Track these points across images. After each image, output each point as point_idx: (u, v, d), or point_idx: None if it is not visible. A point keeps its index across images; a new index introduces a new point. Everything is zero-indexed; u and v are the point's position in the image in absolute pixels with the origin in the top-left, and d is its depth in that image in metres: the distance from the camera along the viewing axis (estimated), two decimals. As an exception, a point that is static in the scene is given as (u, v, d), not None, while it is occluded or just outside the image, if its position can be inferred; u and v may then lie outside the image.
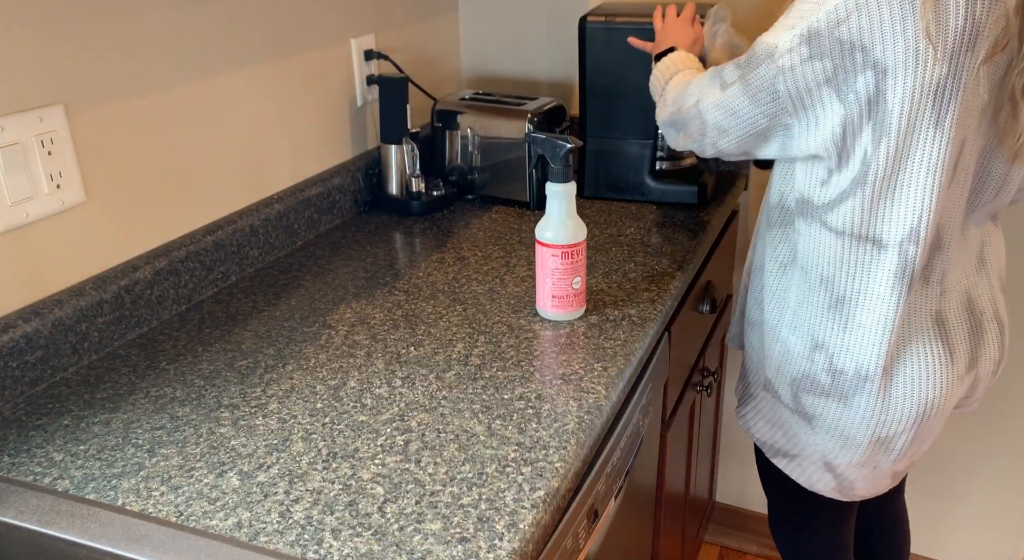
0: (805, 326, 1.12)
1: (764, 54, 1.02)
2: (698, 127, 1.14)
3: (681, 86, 1.19)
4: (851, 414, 1.11)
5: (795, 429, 1.19)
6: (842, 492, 1.21)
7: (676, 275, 1.26)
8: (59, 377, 1.02)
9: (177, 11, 1.14)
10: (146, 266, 1.12)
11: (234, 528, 0.77)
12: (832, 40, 0.95)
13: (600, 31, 1.49)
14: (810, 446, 1.18)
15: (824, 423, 1.14)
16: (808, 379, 1.13)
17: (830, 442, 1.15)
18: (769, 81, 1.02)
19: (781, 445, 1.24)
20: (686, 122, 1.16)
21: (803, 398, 1.15)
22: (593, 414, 0.93)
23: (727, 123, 1.09)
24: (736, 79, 1.06)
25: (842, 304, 1.08)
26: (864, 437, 1.12)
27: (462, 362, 1.03)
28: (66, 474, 0.85)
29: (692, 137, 1.17)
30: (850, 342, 1.08)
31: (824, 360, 1.11)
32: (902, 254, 1.02)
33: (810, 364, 1.13)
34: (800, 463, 1.22)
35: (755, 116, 1.06)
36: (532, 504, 0.79)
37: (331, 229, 1.47)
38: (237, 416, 0.94)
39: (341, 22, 1.47)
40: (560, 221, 1.09)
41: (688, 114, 1.15)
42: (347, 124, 1.52)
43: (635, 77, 1.44)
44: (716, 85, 1.10)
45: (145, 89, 1.11)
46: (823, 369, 1.11)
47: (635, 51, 1.44)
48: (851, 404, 1.11)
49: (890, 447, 1.13)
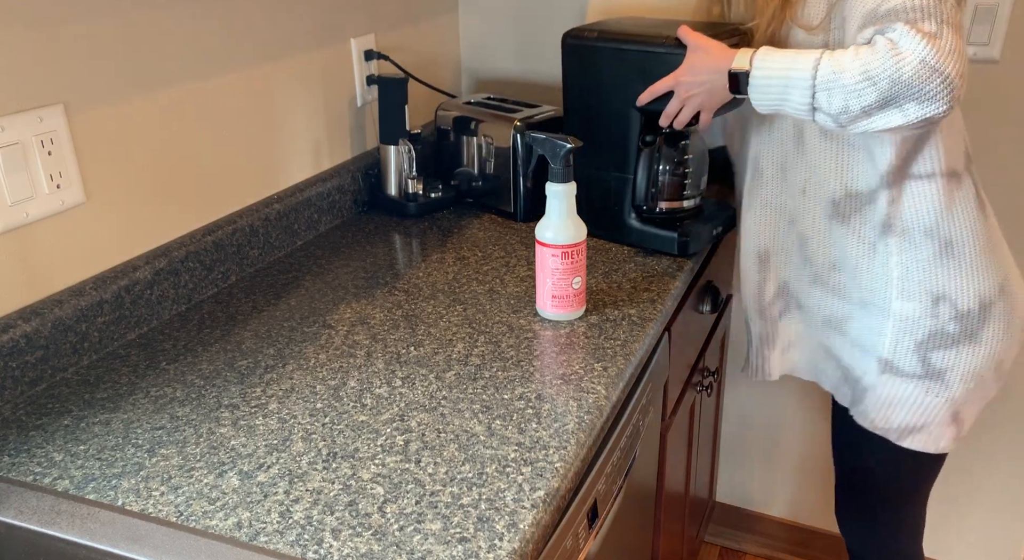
0: (919, 287, 1.14)
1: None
2: (943, 85, 0.96)
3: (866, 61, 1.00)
4: (981, 350, 1.14)
5: (924, 398, 1.19)
6: (958, 438, 1.23)
7: (676, 275, 1.26)
8: (59, 377, 1.02)
9: (177, 11, 1.14)
10: (146, 266, 1.12)
11: (234, 528, 0.77)
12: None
13: (579, 50, 1.32)
14: (939, 405, 1.19)
15: (957, 373, 1.16)
16: (936, 336, 1.15)
17: (962, 389, 1.17)
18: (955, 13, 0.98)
19: (909, 422, 1.22)
20: (920, 88, 0.97)
21: (933, 357, 1.16)
22: (593, 414, 0.93)
23: (963, 65, 0.97)
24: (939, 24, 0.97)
25: (951, 246, 1.11)
26: (990, 367, 1.16)
27: (462, 362, 1.03)
28: (66, 474, 0.85)
29: (934, 97, 0.98)
30: (968, 280, 1.12)
31: (948, 309, 1.13)
32: (972, 176, 1.09)
33: (934, 320, 1.14)
34: (930, 431, 1.22)
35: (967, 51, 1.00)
36: (532, 504, 0.79)
37: (331, 229, 1.47)
38: (237, 416, 0.94)
39: (341, 22, 1.47)
40: (560, 221, 1.09)
41: (918, 78, 0.97)
42: (347, 124, 1.52)
43: (612, 103, 1.29)
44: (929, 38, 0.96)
45: (145, 89, 1.11)
46: (949, 319, 1.13)
47: (613, 76, 1.28)
48: (980, 339, 1.14)
49: (1002, 369, 1.18)
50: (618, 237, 1.37)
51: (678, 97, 1.20)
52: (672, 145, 1.31)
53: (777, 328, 1.37)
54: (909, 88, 0.98)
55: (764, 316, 1.37)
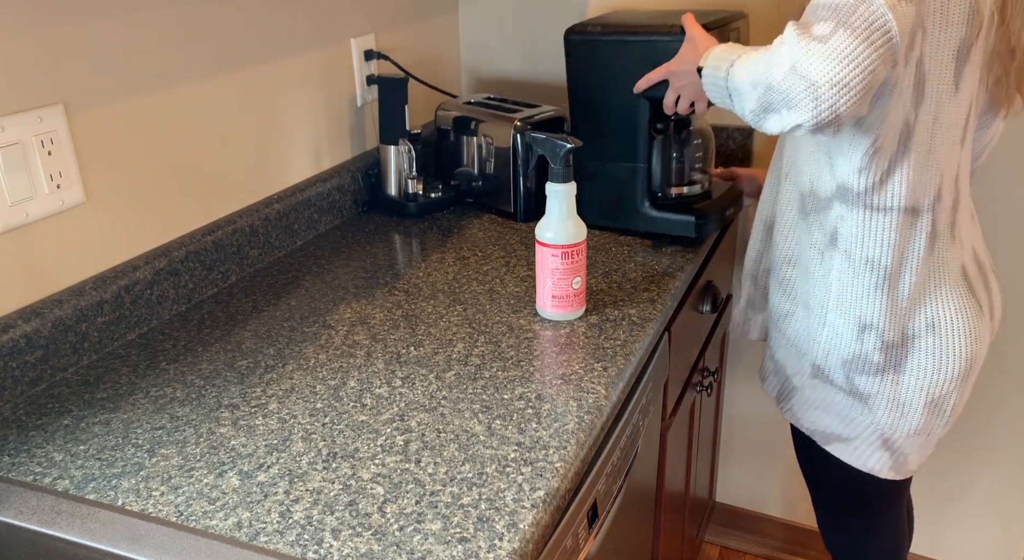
0: (851, 309, 1.13)
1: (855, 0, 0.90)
2: (807, 92, 0.92)
3: (753, 65, 1.01)
4: (905, 380, 1.13)
5: (850, 412, 1.19)
6: (897, 469, 1.22)
7: (676, 275, 1.26)
8: (59, 377, 1.02)
9: (177, 11, 1.14)
10: (146, 266, 1.12)
11: (234, 528, 0.77)
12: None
13: (584, 45, 1.34)
14: (867, 425, 1.18)
15: (881, 400, 1.15)
16: (860, 360, 1.14)
17: (887, 416, 1.16)
18: (879, 19, 0.89)
19: (834, 430, 1.23)
20: (787, 94, 0.94)
21: (857, 380, 1.16)
22: (593, 414, 0.93)
23: (845, 73, 0.90)
24: (834, 27, 0.90)
25: (890, 279, 1.09)
26: (920, 401, 1.14)
27: (462, 362, 1.03)
28: (66, 474, 0.85)
29: (802, 107, 0.94)
30: (898, 315, 1.10)
31: (874, 339, 1.12)
32: (933, 216, 1.06)
33: (860, 345, 1.13)
34: (856, 446, 1.21)
35: (874, 60, 0.90)
36: (532, 504, 0.79)
37: (331, 229, 1.47)
38: (237, 416, 0.94)
39: (341, 22, 1.47)
40: (560, 221, 1.09)
41: (785, 84, 0.94)
42: (347, 124, 1.52)
43: (621, 95, 1.32)
44: (809, 40, 0.91)
45: (145, 89, 1.11)
46: (874, 348, 1.13)
47: (620, 69, 1.30)
48: (904, 369, 1.13)
49: (943, 408, 1.15)
50: (632, 226, 1.39)
51: (672, 87, 1.24)
52: (679, 131, 1.35)
53: (765, 295, 1.37)
54: (779, 94, 0.95)
55: (756, 283, 1.38)
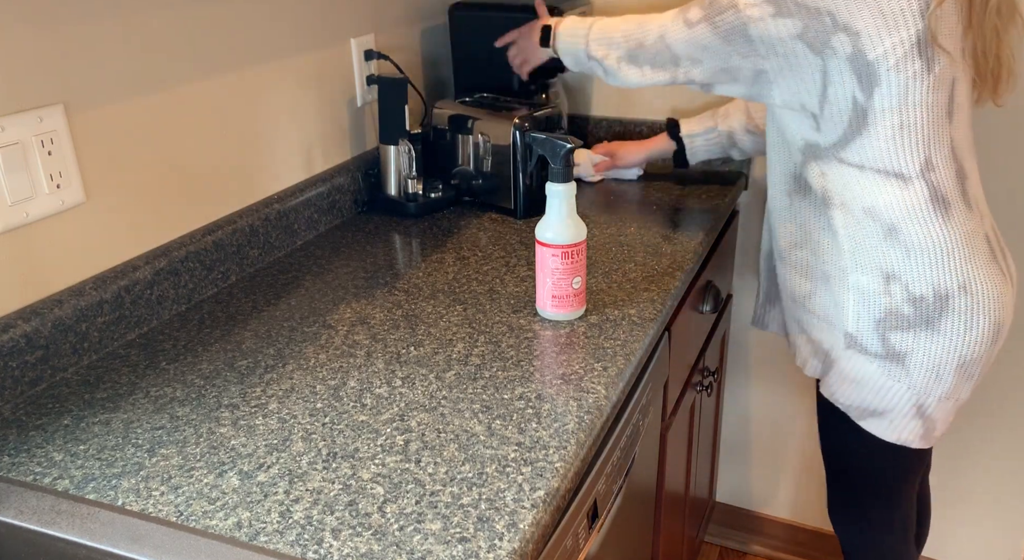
0: (870, 261, 1.17)
1: (727, 3, 1.10)
2: (669, 58, 1.21)
3: (624, 23, 1.26)
4: (940, 340, 1.16)
5: (885, 380, 1.21)
6: (926, 437, 1.24)
7: (676, 275, 1.26)
8: (59, 377, 1.02)
9: (177, 11, 1.14)
10: (146, 266, 1.12)
11: (234, 528, 0.77)
12: (795, 3, 1.04)
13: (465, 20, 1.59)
14: (902, 394, 1.21)
15: (916, 359, 1.18)
16: (892, 315, 1.17)
17: (923, 378, 1.18)
18: (739, 27, 1.10)
19: (870, 403, 1.24)
20: (652, 55, 1.23)
21: (891, 338, 1.18)
22: (593, 414, 0.93)
23: (699, 55, 1.17)
24: (702, 19, 1.14)
25: (895, 231, 1.14)
26: (952, 363, 1.17)
27: (462, 362, 1.03)
28: (66, 474, 0.85)
29: (662, 67, 1.23)
30: (918, 267, 1.14)
31: (900, 290, 1.15)
32: (928, 183, 1.11)
33: (889, 298, 1.16)
34: (891, 419, 1.23)
35: (728, 53, 1.14)
36: (532, 504, 0.79)
37: (331, 229, 1.47)
38: (237, 416, 0.94)
39: (341, 22, 1.47)
40: (560, 221, 1.09)
41: (653, 48, 1.22)
42: (347, 124, 1.52)
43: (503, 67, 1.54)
44: (680, 22, 1.17)
45: (145, 89, 1.11)
46: (903, 300, 1.16)
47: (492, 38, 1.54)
48: (938, 329, 1.15)
49: (971, 372, 1.19)
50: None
51: (516, 45, 1.50)
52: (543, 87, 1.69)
53: (778, 287, 1.42)
54: (647, 52, 1.23)
55: (770, 276, 1.44)
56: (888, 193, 1.12)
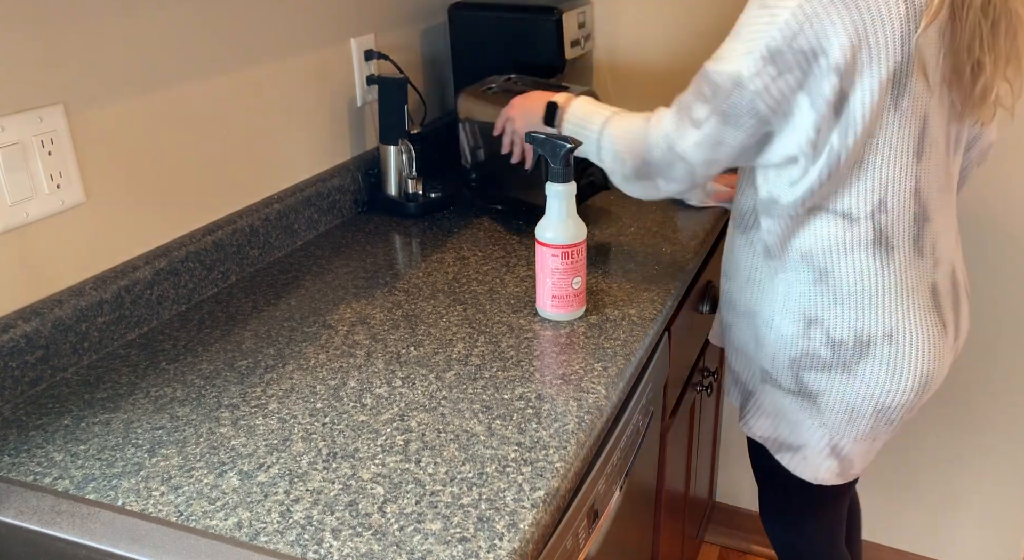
0: (796, 307, 1.13)
1: (731, 84, 1.02)
2: (684, 169, 1.11)
3: (630, 134, 1.15)
4: (856, 384, 1.12)
5: (798, 415, 1.19)
6: (843, 474, 1.22)
7: (676, 275, 1.26)
8: (59, 377, 1.02)
9: (177, 11, 1.14)
10: (146, 266, 1.12)
11: (234, 528, 0.77)
12: (794, 53, 0.98)
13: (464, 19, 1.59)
14: (815, 431, 1.18)
15: (829, 399, 1.15)
16: (808, 356, 1.14)
17: (836, 419, 1.15)
18: (748, 106, 1.02)
19: (784, 438, 1.23)
20: (664, 169, 1.12)
21: (805, 377, 1.15)
22: (593, 414, 0.93)
23: (715, 154, 1.08)
24: (709, 113, 1.05)
25: (827, 275, 1.09)
26: (868, 407, 1.13)
27: (462, 362, 1.03)
28: (66, 474, 0.85)
29: (678, 180, 1.13)
30: (843, 311, 1.10)
31: (821, 334, 1.12)
32: (875, 225, 1.06)
33: (807, 341, 1.13)
34: (805, 455, 1.21)
35: (742, 139, 1.06)
36: (532, 504, 0.79)
37: (331, 229, 1.47)
38: (237, 416, 0.94)
39: (341, 22, 1.47)
40: (560, 221, 1.09)
41: (664, 161, 1.11)
42: (347, 124, 1.52)
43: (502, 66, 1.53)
44: (687, 125, 1.08)
45: (145, 89, 1.11)
46: (821, 343, 1.12)
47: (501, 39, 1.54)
48: (855, 373, 1.12)
49: (891, 417, 1.15)
50: None
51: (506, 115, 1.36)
52: None
53: None
54: (657, 167, 1.12)
55: None
56: (830, 234, 1.08)
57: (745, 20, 1.02)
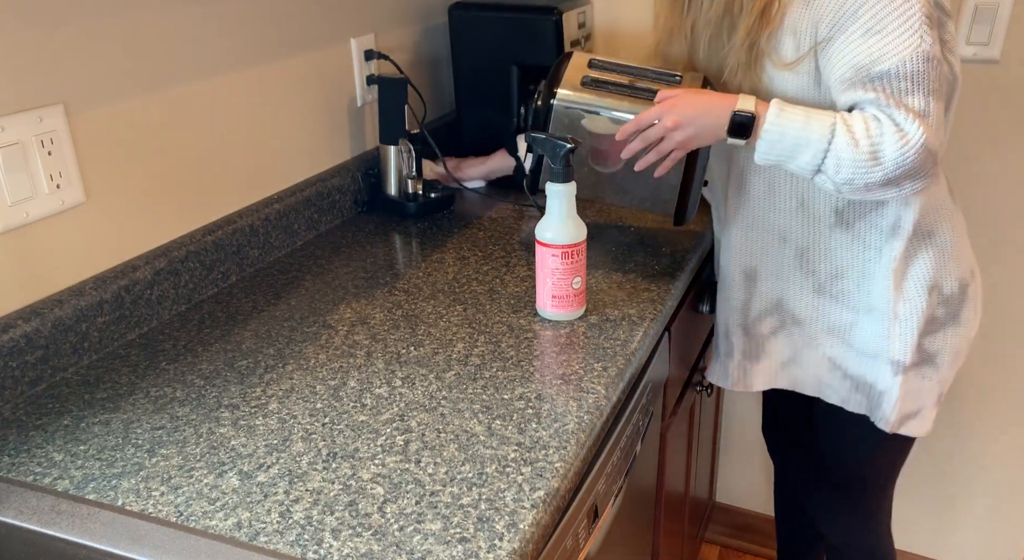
0: (915, 283, 1.18)
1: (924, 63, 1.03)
2: (932, 162, 1.05)
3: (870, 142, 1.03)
4: (961, 330, 1.21)
5: (920, 382, 1.23)
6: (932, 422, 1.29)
7: (676, 275, 1.26)
8: (59, 377, 1.02)
9: (177, 11, 1.14)
10: (146, 266, 1.12)
11: (234, 528, 0.77)
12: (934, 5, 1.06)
13: (464, 19, 1.59)
14: (931, 390, 1.23)
15: (945, 355, 1.22)
16: (929, 323, 1.19)
17: (948, 369, 1.23)
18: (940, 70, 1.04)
19: (907, 409, 1.24)
20: (918, 170, 1.04)
21: (926, 342, 1.20)
22: (593, 414, 0.93)
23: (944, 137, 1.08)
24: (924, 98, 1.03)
25: (932, 236, 1.17)
26: (966, 345, 1.23)
27: (462, 362, 1.03)
28: (66, 474, 0.85)
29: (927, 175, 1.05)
30: (948, 264, 1.18)
31: (937, 297, 1.18)
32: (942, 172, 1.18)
33: (929, 309, 1.19)
34: (923, 415, 1.25)
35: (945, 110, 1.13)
36: (532, 504, 0.79)
37: (331, 229, 1.47)
38: (237, 416, 0.94)
39: (341, 22, 1.47)
40: (560, 221, 1.09)
41: (918, 161, 1.03)
42: (347, 124, 1.52)
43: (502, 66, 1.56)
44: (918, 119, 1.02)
45: (145, 89, 1.11)
46: (937, 304, 1.19)
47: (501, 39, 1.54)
48: (960, 320, 1.21)
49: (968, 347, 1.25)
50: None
51: (665, 126, 1.10)
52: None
53: (765, 345, 1.34)
54: (911, 170, 1.04)
55: (749, 333, 1.34)
56: (940, 193, 1.16)
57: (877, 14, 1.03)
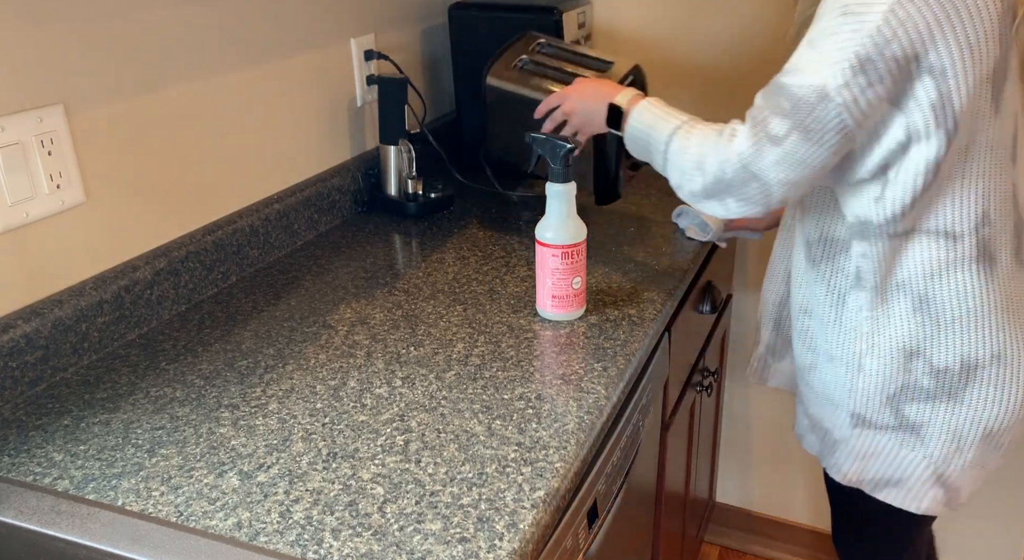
0: (891, 344, 1.06)
1: (815, 97, 0.94)
2: (759, 189, 1.01)
3: (701, 148, 1.05)
4: (962, 410, 1.06)
5: (898, 451, 1.11)
6: (950, 503, 1.14)
7: (676, 275, 1.26)
8: (59, 377, 1.02)
9: (177, 11, 1.14)
10: (146, 266, 1.12)
11: (234, 528, 0.77)
12: (887, 61, 0.91)
13: (464, 19, 1.60)
14: (919, 463, 1.10)
15: (933, 429, 1.08)
16: (909, 389, 1.07)
17: (941, 449, 1.08)
18: (834, 121, 0.94)
19: (883, 474, 1.14)
20: (737, 188, 1.02)
21: (906, 409, 1.08)
22: (593, 414, 0.93)
23: (796, 174, 0.98)
24: (790, 129, 0.96)
25: (927, 302, 1.03)
26: (976, 433, 1.07)
27: (462, 362, 1.03)
28: (66, 474, 0.85)
29: (751, 200, 1.03)
30: (947, 338, 1.03)
31: (923, 365, 1.05)
32: (979, 240, 1.00)
33: (907, 375, 1.06)
34: (909, 487, 1.13)
35: (826, 157, 0.97)
36: (532, 504, 0.79)
37: (331, 229, 1.47)
38: (237, 416, 0.94)
39: (341, 22, 1.47)
40: (560, 221, 1.09)
41: (737, 180, 1.01)
42: (347, 124, 1.52)
43: None
44: (764, 141, 0.98)
45: (145, 89, 1.11)
46: (923, 374, 1.06)
47: (501, 39, 1.46)
48: (962, 400, 1.05)
49: (999, 442, 1.08)
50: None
51: (562, 110, 1.26)
52: None
53: (788, 343, 1.30)
54: (729, 186, 1.02)
55: (778, 328, 1.31)
56: (931, 256, 1.01)
57: (825, 28, 0.93)
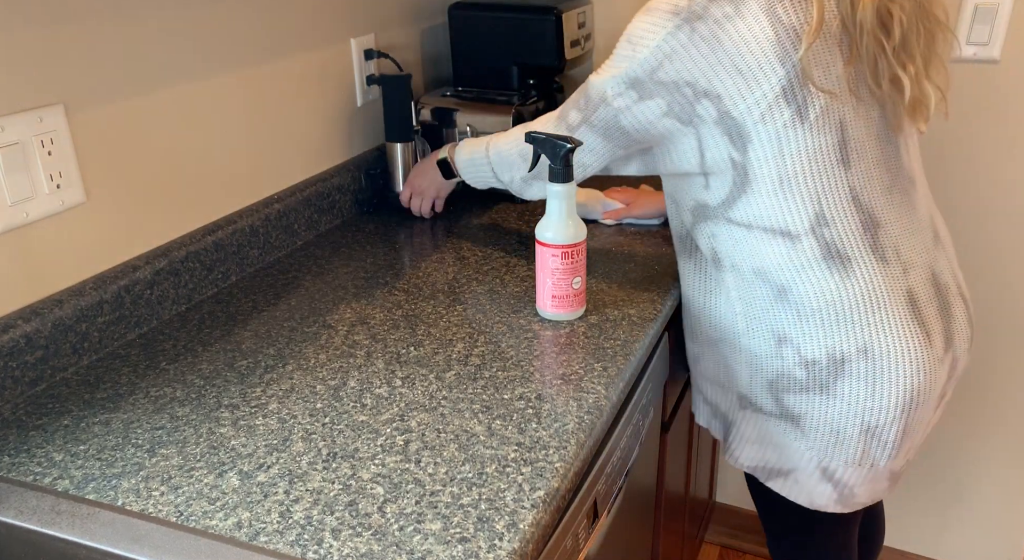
0: (760, 323, 1.10)
1: (597, 98, 1.07)
2: None
3: (514, 144, 1.23)
4: (837, 404, 1.08)
5: (784, 439, 1.14)
6: (843, 502, 1.17)
7: (676, 275, 1.26)
8: (59, 377, 1.02)
9: (177, 11, 1.14)
10: (146, 266, 1.12)
11: (234, 528, 0.77)
12: (655, 83, 1.01)
13: (464, 19, 1.61)
14: (803, 454, 1.13)
15: (812, 421, 1.10)
16: (784, 377, 1.10)
17: (822, 442, 1.11)
18: (612, 120, 1.08)
19: (773, 463, 1.18)
20: (544, 170, 1.15)
21: (785, 399, 1.11)
22: (593, 414, 0.93)
23: (587, 160, 1.14)
24: (581, 121, 1.11)
25: (786, 293, 1.06)
26: (854, 428, 1.08)
27: (462, 362, 1.03)
28: (66, 474, 0.85)
29: None
30: (811, 330, 1.06)
31: (792, 353, 1.08)
32: (819, 239, 1.03)
33: (781, 361, 1.09)
34: (796, 479, 1.17)
35: (612, 149, 1.12)
36: (532, 504, 0.79)
37: (331, 229, 1.47)
38: (237, 416, 0.94)
39: (341, 22, 1.47)
40: (560, 221, 1.09)
41: (542, 164, 1.16)
42: (347, 124, 1.52)
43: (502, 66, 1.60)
44: (562, 128, 1.14)
45: (145, 89, 1.11)
46: (795, 364, 1.08)
47: (501, 39, 1.57)
48: (834, 393, 1.07)
49: (882, 439, 1.10)
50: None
51: (416, 196, 1.49)
52: None
53: None
54: (540, 170, 1.17)
55: None
56: (776, 253, 1.05)
57: (618, 48, 1.05)
